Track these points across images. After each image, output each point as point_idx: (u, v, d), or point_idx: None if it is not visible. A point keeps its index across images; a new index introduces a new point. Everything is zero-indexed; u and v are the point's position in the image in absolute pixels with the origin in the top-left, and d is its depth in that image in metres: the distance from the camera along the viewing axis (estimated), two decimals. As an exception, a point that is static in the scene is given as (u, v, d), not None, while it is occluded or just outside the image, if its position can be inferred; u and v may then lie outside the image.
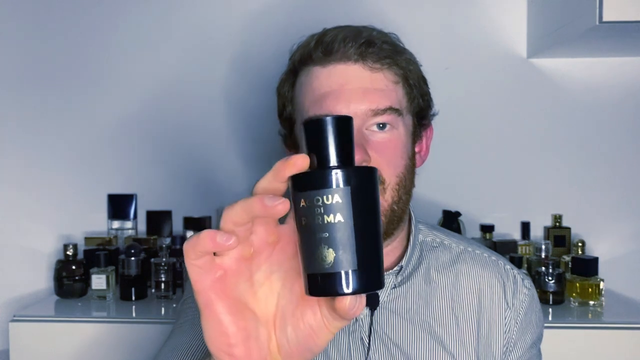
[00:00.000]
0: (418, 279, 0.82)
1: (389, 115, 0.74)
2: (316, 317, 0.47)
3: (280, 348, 0.48)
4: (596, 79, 1.47)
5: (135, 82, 1.52)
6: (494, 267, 0.84)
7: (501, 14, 1.47)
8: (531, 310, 0.83)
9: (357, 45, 0.74)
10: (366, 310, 0.79)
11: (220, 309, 0.45)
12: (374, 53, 0.74)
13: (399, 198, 0.75)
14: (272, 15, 1.48)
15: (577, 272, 1.27)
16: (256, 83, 1.50)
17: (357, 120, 0.72)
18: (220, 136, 1.52)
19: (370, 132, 0.74)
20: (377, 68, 0.75)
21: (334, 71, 0.74)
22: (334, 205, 0.41)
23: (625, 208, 1.48)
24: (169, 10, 1.50)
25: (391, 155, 0.74)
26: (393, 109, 0.74)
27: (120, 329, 1.21)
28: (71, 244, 1.36)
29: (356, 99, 0.73)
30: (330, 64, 0.74)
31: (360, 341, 0.78)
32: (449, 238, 0.87)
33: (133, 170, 1.53)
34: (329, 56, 0.74)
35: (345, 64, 0.74)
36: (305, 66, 0.77)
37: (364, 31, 0.76)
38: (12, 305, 1.50)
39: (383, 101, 0.74)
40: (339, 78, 0.74)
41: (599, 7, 1.08)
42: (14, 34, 1.52)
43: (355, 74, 0.74)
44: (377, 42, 0.75)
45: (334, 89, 0.73)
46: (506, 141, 1.49)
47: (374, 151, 0.72)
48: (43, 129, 1.52)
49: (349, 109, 0.72)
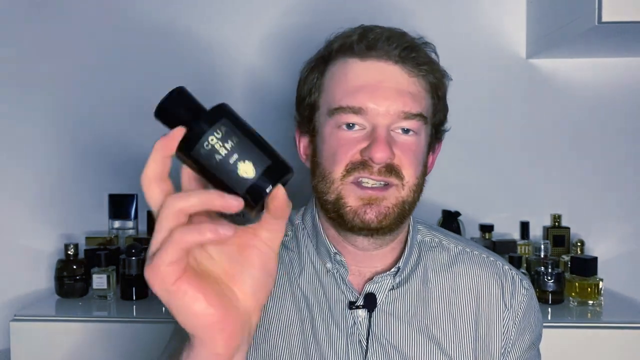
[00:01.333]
0: (416, 281, 0.82)
1: (417, 122, 0.75)
2: (259, 241, 0.51)
3: (246, 293, 0.51)
4: (595, 79, 1.47)
5: (136, 81, 1.52)
6: (492, 267, 0.84)
7: (501, 15, 1.48)
8: (530, 310, 0.83)
9: (401, 47, 0.75)
10: (364, 312, 0.79)
11: (181, 283, 0.46)
12: (415, 59, 0.75)
13: (412, 199, 0.76)
14: (270, 24, 1.49)
15: (576, 271, 1.27)
16: (256, 82, 1.51)
17: (388, 118, 0.73)
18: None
19: (396, 133, 0.75)
20: (415, 73, 0.76)
21: (373, 67, 0.75)
22: (224, 135, 0.48)
23: (624, 208, 1.48)
24: (171, 9, 1.51)
25: (413, 158, 0.75)
26: (422, 115, 0.75)
27: (121, 328, 1.21)
28: (72, 244, 1.36)
29: (391, 97, 0.73)
30: (370, 59, 0.75)
31: (359, 344, 0.78)
32: (447, 238, 0.87)
33: (134, 170, 1.53)
34: (371, 51, 0.75)
35: (385, 62, 0.75)
36: (342, 56, 0.77)
37: (407, 35, 0.78)
38: (13, 304, 1.50)
39: (415, 106, 0.75)
40: (377, 74, 0.75)
41: (598, 8, 1.09)
42: (16, 33, 1.52)
43: (393, 74, 0.75)
44: (419, 49, 0.77)
45: (371, 84, 0.74)
46: (505, 141, 1.49)
47: (399, 150, 0.74)
48: (43, 128, 1.53)
49: (382, 106, 0.73)
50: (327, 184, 0.75)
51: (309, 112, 0.81)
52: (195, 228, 0.45)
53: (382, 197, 0.73)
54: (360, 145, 0.74)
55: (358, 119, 0.74)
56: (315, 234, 0.83)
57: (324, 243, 0.81)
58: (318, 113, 0.79)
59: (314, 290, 0.81)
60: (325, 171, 0.76)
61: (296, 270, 0.83)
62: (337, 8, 1.47)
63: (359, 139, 0.74)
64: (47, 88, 1.52)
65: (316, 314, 0.80)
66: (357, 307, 0.78)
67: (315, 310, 0.80)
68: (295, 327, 0.79)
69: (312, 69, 0.81)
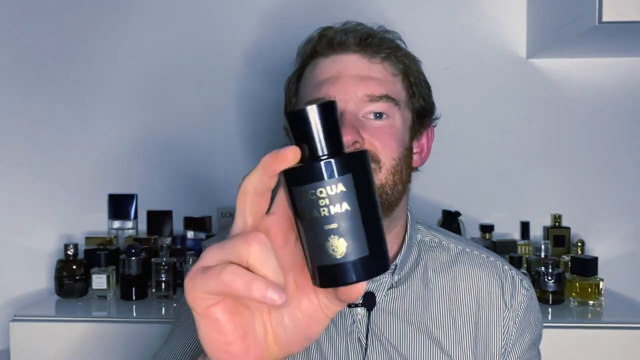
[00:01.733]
0: (416, 280, 0.82)
1: (385, 104, 0.76)
2: (313, 304, 0.47)
3: (277, 339, 0.47)
4: (595, 79, 1.47)
5: (136, 82, 1.52)
6: (492, 267, 0.84)
7: (501, 14, 1.48)
8: (530, 310, 0.83)
9: (358, 37, 0.77)
10: (363, 310, 0.79)
11: (216, 309, 0.44)
12: (374, 44, 0.78)
13: (393, 183, 0.75)
14: (273, 18, 1.49)
15: (576, 271, 1.27)
16: (258, 82, 1.51)
17: (353, 105, 0.75)
18: (221, 136, 1.52)
19: (366, 119, 0.76)
20: (376, 59, 0.78)
21: (335, 60, 0.78)
22: (338, 195, 0.40)
23: (624, 208, 1.48)
24: (172, 9, 1.51)
25: (386, 139, 0.75)
26: (389, 97, 0.76)
27: (120, 328, 1.21)
28: (72, 244, 1.36)
29: (353, 84, 0.76)
30: (332, 54, 0.78)
31: (358, 342, 0.78)
32: (447, 238, 0.87)
33: (134, 170, 1.53)
34: (332, 47, 0.78)
35: (346, 54, 0.78)
36: (311, 59, 0.81)
37: (365, 26, 0.81)
38: (12, 304, 1.50)
39: (379, 89, 0.76)
40: (338, 66, 0.77)
41: (599, 8, 1.09)
42: (14, 37, 1.52)
43: (354, 62, 0.77)
44: (377, 36, 0.79)
45: (333, 76, 0.77)
46: (506, 141, 1.49)
47: (368, 134, 0.74)
48: (44, 129, 1.53)
49: (345, 94, 0.75)
50: None
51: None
52: (247, 280, 0.41)
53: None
54: None
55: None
56: None
57: None
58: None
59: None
60: None
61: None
62: (336, 10, 1.47)
63: None
64: (47, 88, 1.52)
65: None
66: (356, 305, 0.78)
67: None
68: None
69: (290, 77, 0.85)
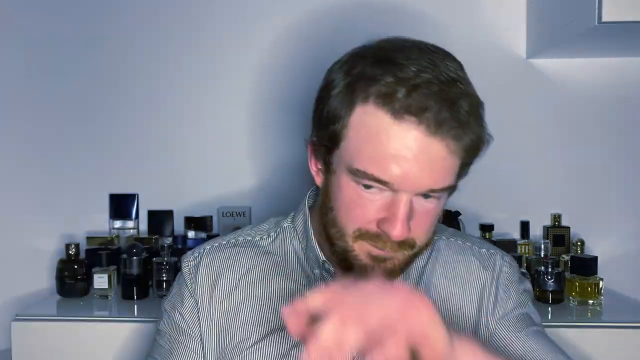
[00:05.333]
0: (412, 280, 0.82)
1: (442, 193, 0.70)
2: None
3: None
4: (595, 79, 1.47)
5: (137, 82, 1.52)
6: (468, 251, 0.86)
7: (501, 14, 1.48)
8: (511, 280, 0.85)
9: (446, 121, 0.65)
10: None
11: None
12: (459, 133, 0.67)
13: (423, 250, 0.75)
14: (280, 15, 1.49)
15: (576, 271, 1.27)
16: (262, 84, 1.51)
17: (412, 194, 0.68)
18: (221, 136, 1.52)
19: (416, 198, 0.69)
20: (455, 150, 0.67)
21: (409, 135, 0.65)
22: None
23: (624, 207, 1.48)
24: (172, 9, 1.51)
25: (429, 224, 0.72)
26: (450, 187, 0.70)
27: (122, 328, 1.21)
28: (73, 244, 1.36)
29: (422, 173, 0.66)
30: (405, 122, 0.65)
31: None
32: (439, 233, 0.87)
33: (134, 170, 1.53)
34: (409, 115, 0.64)
35: (424, 132, 0.65)
36: (375, 106, 0.66)
37: (453, 92, 0.67)
38: (14, 304, 1.50)
39: (444, 181, 0.68)
40: (412, 145, 0.65)
41: (598, 8, 1.09)
42: (14, 36, 1.52)
43: (430, 147, 0.65)
44: (466, 118, 0.68)
45: (402, 155, 0.65)
46: (506, 141, 1.49)
47: (414, 221, 0.69)
48: (44, 128, 1.53)
49: (409, 181, 0.66)
50: (339, 234, 0.73)
51: (329, 142, 0.72)
52: None
53: (391, 255, 0.72)
54: (378, 214, 0.69)
55: (380, 186, 0.68)
56: (306, 238, 0.82)
57: (313, 250, 0.80)
58: (338, 153, 0.71)
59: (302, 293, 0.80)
60: (338, 222, 0.72)
61: (280, 275, 0.82)
62: (340, 13, 1.47)
63: (377, 204, 0.69)
64: (47, 88, 1.53)
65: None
66: None
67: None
68: (275, 333, 0.78)
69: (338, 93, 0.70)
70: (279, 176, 1.51)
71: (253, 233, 0.88)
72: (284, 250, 0.85)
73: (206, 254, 0.85)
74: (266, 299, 0.81)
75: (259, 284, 0.82)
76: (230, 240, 0.87)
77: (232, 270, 0.83)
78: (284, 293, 0.81)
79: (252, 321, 0.80)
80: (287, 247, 0.85)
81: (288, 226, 0.86)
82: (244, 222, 1.48)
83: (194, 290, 0.83)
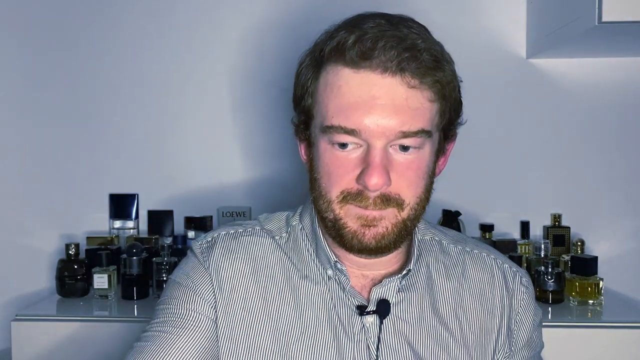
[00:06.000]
0: (421, 283, 0.81)
1: (418, 139, 0.69)
2: None
3: None
4: (595, 79, 1.47)
5: (137, 82, 1.52)
6: (493, 266, 0.85)
7: (501, 14, 1.48)
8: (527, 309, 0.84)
9: (399, 56, 0.66)
10: (373, 318, 0.77)
11: None
12: (415, 67, 0.67)
13: (415, 216, 0.73)
14: (278, 15, 1.49)
15: (576, 271, 1.27)
16: (258, 81, 1.51)
17: (384, 139, 0.68)
18: (221, 136, 1.52)
19: (395, 150, 0.69)
20: (415, 85, 0.68)
21: (367, 79, 0.67)
22: None
23: (624, 207, 1.48)
24: (173, 10, 1.51)
25: (413, 177, 0.71)
26: (425, 131, 0.69)
27: (121, 328, 1.21)
28: (73, 244, 1.36)
29: (387, 115, 0.67)
30: (364, 70, 0.67)
31: (367, 349, 0.76)
32: (446, 237, 0.87)
33: (134, 170, 1.54)
34: (365, 61, 0.67)
35: (381, 74, 0.67)
36: (334, 62, 0.69)
37: (408, 37, 0.68)
38: (14, 304, 1.50)
39: (415, 122, 0.68)
40: (371, 88, 0.67)
41: (598, 8, 1.09)
42: (14, 34, 1.52)
43: (390, 87, 0.67)
44: (420, 55, 0.68)
45: (365, 100, 0.67)
46: (506, 141, 1.50)
47: (396, 173, 0.69)
48: (44, 128, 1.53)
49: (377, 127, 0.67)
50: (325, 203, 0.73)
51: (305, 118, 0.76)
52: None
53: (379, 216, 0.71)
54: (355, 170, 0.70)
55: (352, 139, 0.69)
56: (315, 239, 0.81)
57: (323, 250, 0.78)
58: (313, 123, 0.74)
59: (320, 295, 0.79)
60: (323, 190, 0.73)
61: (298, 276, 0.80)
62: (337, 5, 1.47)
63: (354, 160, 0.70)
64: (48, 88, 1.53)
65: (324, 320, 0.77)
66: (368, 312, 0.76)
67: (323, 316, 0.78)
68: (296, 335, 0.77)
69: (305, 70, 0.74)
70: (279, 176, 1.51)
71: (270, 226, 0.84)
72: (298, 251, 0.82)
73: (221, 239, 0.82)
74: (288, 295, 0.79)
75: (281, 279, 0.80)
76: (247, 229, 0.83)
77: (253, 258, 0.80)
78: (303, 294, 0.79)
79: (272, 315, 0.78)
80: (302, 248, 0.82)
81: (297, 224, 0.84)
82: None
83: (209, 267, 0.79)
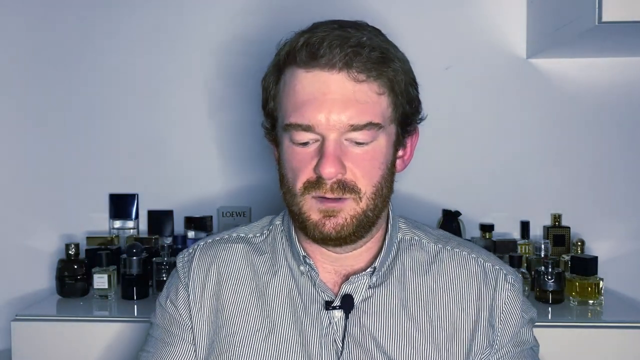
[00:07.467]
0: (394, 281, 0.82)
1: (368, 131, 0.73)
2: None
3: None
4: (595, 79, 1.47)
5: (137, 82, 1.52)
6: (473, 265, 0.83)
7: (501, 14, 1.48)
8: (513, 306, 0.82)
9: (344, 53, 0.71)
10: (340, 312, 0.79)
11: None
12: (360, 62, 0.72)
13: (374, 206, 0.76)
14: (259, 14, 1.49)
15: (576, 271, 1.27)
16: (254, 84, 1.51)
17: (335, 132, 0.72)
18: (221, 136, 1.52)
19: (349, 143, 0.73)
20: (362, 79, 0.72)
21: (317, 78, 0.72)
22: None
23: (624, 207, 1.48)
24: (173, 9, 1.51)
25: (368, 167, 0.74)
26: (373, 124, 0.73)
27: (121, 328, 1.21)
28: (73, 244, 1.36)
29: (337, 110, 0.71)
30: (314, 69, 0.72)
31: (333, 344, 0.79)
32: (427, 237, 0.86)
33: (134, 170, 1.54)
34: (314, 60, 0.72)
35: (329, 71, 0.72)
36: (289, 65, 0.75)
37: (353, 35, 0.73)
38: (14, 304, 1.50)
39: (363, 116, 0.72)
40: (321, 86, 0.72)
41: (598, 8, 1.09)
42: (14, 36, 1.52)
43: (338, 83, 0.72)
44: (365, 51, 0.72)
45: (316, 97, 0.72)
46: (506, 141, 1.50)
47: (351, 162, 0.73)
48: (45, 128, 1.53)
49: (328, 121, 0.71)
50: (292, 197, 0.76)
51: (271, 120, 0.81)
52: None
53: (339, 208, 0.74)
54: (312, 161, 0.74)
55: (309, 135, 0.73)
56: (289, 236, 0.85)
57: (294, 246, 0.82)
58: (277, 124, 0.79)
59: (289, 291, 0.82)
60: (289, 184, 0.77)
61: (269, 273, 0.84)
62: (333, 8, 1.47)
63: (312, 154, 0.74)
64: (47, 88, 1.53)
65: (289, 315, 0.81)
66: (334, 307, 0.79)
67: (289, 312, 0.81)
68: (263, 331, 0.81)
69: (268, 76, 0.80)
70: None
71: (247, 230, 0.90)
72: (273, 249, 0.86)
73: (200, 249, 0.88)
74: (255, 296, 0.83)
75: (248, 281, 0.84)
76: (224, 237, 0.89)
77: (223, 265, 0.86)
78: (272, 291, 0.83)
79: (240, 317, 0.82)
80: (277, 246, 0.86)
81: (279, 224, 0.88)
82: (244, 222, 1.47)
83: (187, 284, 0.85)
